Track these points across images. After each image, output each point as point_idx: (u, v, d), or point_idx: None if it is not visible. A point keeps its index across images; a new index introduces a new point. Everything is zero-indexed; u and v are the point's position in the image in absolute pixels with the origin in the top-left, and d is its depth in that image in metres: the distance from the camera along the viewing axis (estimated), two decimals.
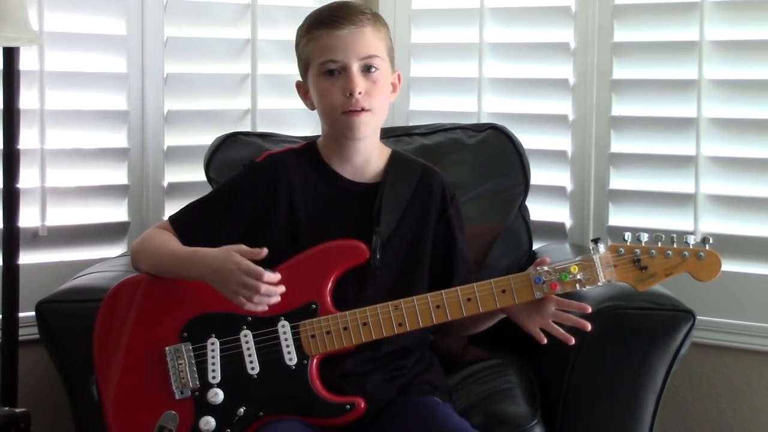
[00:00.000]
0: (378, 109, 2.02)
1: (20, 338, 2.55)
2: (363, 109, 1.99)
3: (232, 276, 1.86)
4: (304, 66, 2.07)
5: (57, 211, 2.76)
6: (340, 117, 2.00)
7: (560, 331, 1.95)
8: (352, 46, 1.99)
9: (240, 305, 1.87)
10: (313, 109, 2.09)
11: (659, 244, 1.89)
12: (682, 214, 2.80)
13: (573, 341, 1.95)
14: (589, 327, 1.94)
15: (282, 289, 1.87)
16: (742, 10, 2.75)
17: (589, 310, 1.94)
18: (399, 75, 2.11)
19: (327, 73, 2.00)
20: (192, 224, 2.07)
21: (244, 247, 1.89)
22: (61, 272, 2.56)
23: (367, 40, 2.01)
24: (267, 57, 3.03)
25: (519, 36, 3.06)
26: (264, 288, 1.85)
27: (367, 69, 2.01)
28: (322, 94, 2.02)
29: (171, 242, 2.02)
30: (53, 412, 2.56)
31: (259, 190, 2.08)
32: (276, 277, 1.87)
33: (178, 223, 2.07)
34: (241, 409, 1.91)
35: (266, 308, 1.88)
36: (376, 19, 2.06)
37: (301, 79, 2.11)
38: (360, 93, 1.98)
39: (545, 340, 1.96)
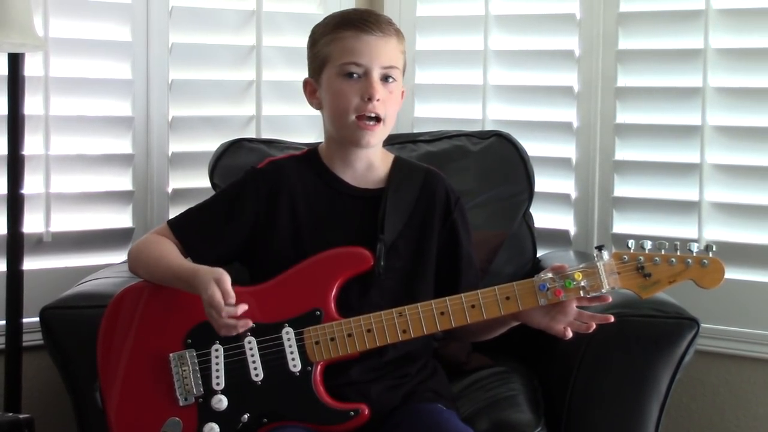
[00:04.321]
0: (389, 119, 2.03)
1: (24, 344, 2.55)
2: (377, 119, 2.00)
3: (204, 304, 1.86)
4: (320, 64, 2.05)
5: (61, 216, 2.76)
6: (353, 121, 2.00)
7: (583, 326, 1.95)
8: (378, 53, 2.00)
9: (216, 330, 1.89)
10: (318, 108, 2.09)
11: (663, 252, 1.88)
12: (687, 222, 2.79)
13: (594, 327, 1.94)
14: (612, 318, 1.94)
15: (247, 323, 1.88)
16: (746, 18, 2.75)
17: (610, 299, 1.93)
18: (403, 91, 2.12)
19: (346, 75, 2.00)
20: (193, 231, 2.07)
21: (224, 280, 1.87)
22: (66, 278, 2.57)
23: (392, 50, 2.03)
24: (272, 64, 3.03)
25: (523, 43, 3.06)
26: (223, 321, 1.85)
27: (385, 78, 2.01)
28: (337, 95, 2.01)
29: (170, 254, 2.02)
30: (57, 418, 2.57)
31: (261, 196, 2.08)
32: (239, 309, 1.86)
33: (178, 229, 2.07)
34: (245, 416, 1.91)
35: (237, 332, 1.88)
36: (400, 32, 2.08)
37: (308, 78, 2.10)
38: (378, 99, 1.98)
39: (570, 334, 1.94)
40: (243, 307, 1.87)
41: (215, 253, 2.05)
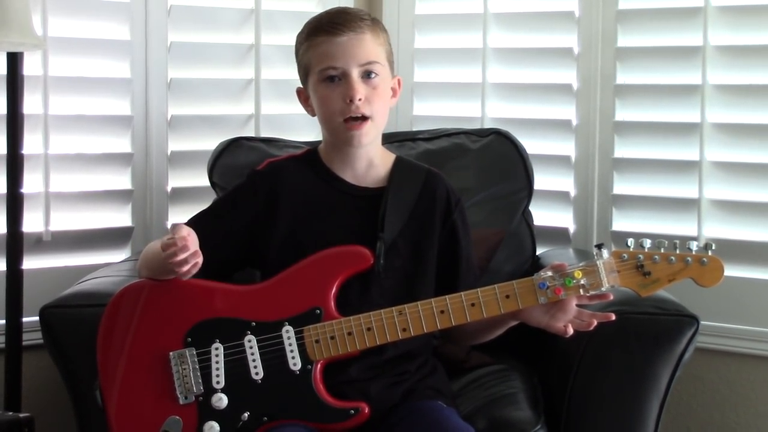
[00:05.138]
0: (378, 115, 2.03)
1: (24, 343, 2.55)
2: (364, 118, 2.00)
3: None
4: (304, 73, 2.08)
5: (61, 216, 2.76)
6: (341, 125, 2.01)
7: (584, 324, 1.95)
8: (352, 52, 2.00)
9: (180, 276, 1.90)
10: (314, 115, 2.10)
11: (662, 250, 1.88)
12: (686, 219, 2.79)
13: (595, 324, 1.94)
14: (613, 317, 1.95)
15: (191, 247, 1.87)
16: (745, 15, 2.75)
17: (612, 297, 1.94)
18: (399, 80, 2.12)
19: (327, 80, 2.01)
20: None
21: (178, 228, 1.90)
22: (65, 277, 2.57)
23: (367, 47, 2.02)
24: (270, 62, 3.03)
25: (522, 41, 3.05)
26: (169, 255, 1.86)
27: (366, 75, 2.01)
28: (322, 101, 2.03)
29: (156, 244, 2.02)
30: (57, 417, 2.56)
31: (259, 197, 2.09)
32: (178, 232, 1.87)
33: None
34: (245, 414, 1.91)
35: (190, 267, 1.88)
36: (375, 24, 2.07)
37: (301, 86, 2.12)
38: (360, 99, 1.99)
39: (571, 332, 1.95)
40: (182, 231, 1.87)
41: (215, 257, 2.03)
